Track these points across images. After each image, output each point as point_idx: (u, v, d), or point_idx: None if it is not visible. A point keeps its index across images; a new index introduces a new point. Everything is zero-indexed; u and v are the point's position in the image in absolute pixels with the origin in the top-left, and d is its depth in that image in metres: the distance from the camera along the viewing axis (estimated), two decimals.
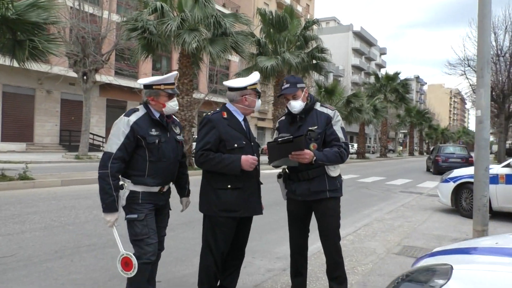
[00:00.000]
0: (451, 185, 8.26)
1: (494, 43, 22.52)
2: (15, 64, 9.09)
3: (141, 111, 2.78)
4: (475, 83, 24.51)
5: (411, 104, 48.91)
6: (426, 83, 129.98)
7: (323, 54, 20.98)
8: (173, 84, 2.81)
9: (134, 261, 2.60)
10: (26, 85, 25.25)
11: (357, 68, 74.88)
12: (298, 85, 3.10)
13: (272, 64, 18.83)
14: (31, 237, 5.25)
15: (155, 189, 2.77)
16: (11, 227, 5.73)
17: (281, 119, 3.36)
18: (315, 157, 2.86)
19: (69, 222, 6.21)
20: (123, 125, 2.67)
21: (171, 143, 2.86)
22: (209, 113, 2.99)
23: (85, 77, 20.88)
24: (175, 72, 2.88)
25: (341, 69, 66.55)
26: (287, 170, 3.18)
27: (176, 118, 3.05)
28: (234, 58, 33.71)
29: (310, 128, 3.03)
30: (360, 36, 75.74)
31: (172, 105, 2.82)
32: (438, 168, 19.74)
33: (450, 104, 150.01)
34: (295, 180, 3.10)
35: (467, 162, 19.48)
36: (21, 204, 7.52)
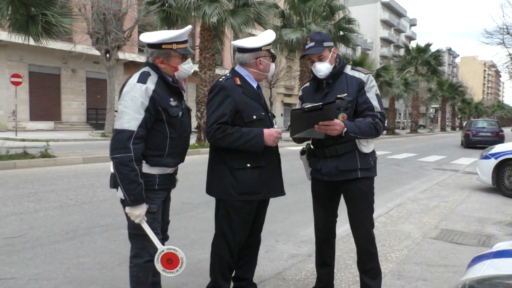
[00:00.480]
0: (492, 162, 7.59)
1: None
2: (32, 42, 8.85)
3: (154, 75, 2.25)
4: None
5: (443, 77, 46.91)
6: (458, 55, 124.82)
7: (350, 25, 19.94)
8: (186, 42, 2.32)
9: (180, 254, 2.20)
10: (51, 64, 25.46)
11: (386, 41, 72.20)
12: (325, 44, 2.61)
13: (298, 36, 18.06)
14: (44, 216, 5.05)
15: (171, 169, 2.35)
16: (26, 206, 5.56)
17: (305, 85, 2.90)
18: (345, 128, 2.42)
19: (85, 200, 6.01)
20: (141, 95, 2.14)
21: (186, 114, 2.44)
22: (220, 79, 2.56)
23: (107, 55, 20.76)
24: (189, 27, 2.37)
25: (369, 42, 64.32)
26: (311, 145, 2.73)
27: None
28: (258, 32, 32.83)
29: (338, 96, 2.55)
30: (388, 6, 72.71)
31: (186, 68, 2.34)
32: (469, 142, 20.66)
33: (484, 77, 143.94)
34: (321, 157, 2.65)
35: (497, 136, 20.02)
36: (39, 182, 7.40)
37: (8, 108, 23.04)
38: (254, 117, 2.48)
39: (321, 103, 2.31)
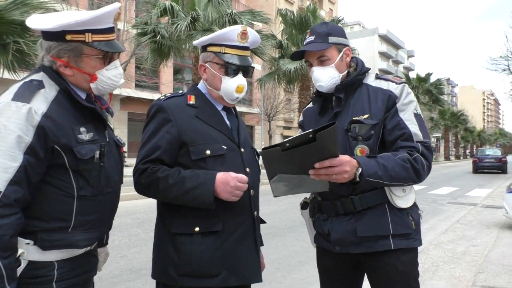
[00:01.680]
0: None
1: None
2: (7, 75, 8.11)
3: (50, 88, 1.38)
4: None
5: (445, 106, 46.48)
6: (457, 85, 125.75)
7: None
8: (111, 30, 1.45)
9: None
10: None
11: (384, 72, 72.45)
12: (331, 39, 1.76)
13: (296, 66, 17.43)
14: None
15: (85, 249, 1.46)
16: None
17: (307, 106, 2.05)
18: (360, 169, 1.54)
19: None
20: (18, 124, 1.24)
21: (113, 153, 1.57)
22: (161, 97, 1.74)
23: None
24: (115, 5, 1.46)
25: None
26: (317, 195, 1.83)
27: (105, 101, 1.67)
28: (257, 66, 32.64)
29: (355, 118, 1.70)
30: (386, 39, 73.59)
31: (112, 76, 1.48)
32: (477, 168, 24.17)
33: (484, 106, 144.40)
34: (330, 214, 1.76)
35: (500, 161, 23.81)
36: None
37: None
38: (208, 152, 1.63)
39: (312, 130, 1.39)
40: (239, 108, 31.29)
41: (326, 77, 1.76)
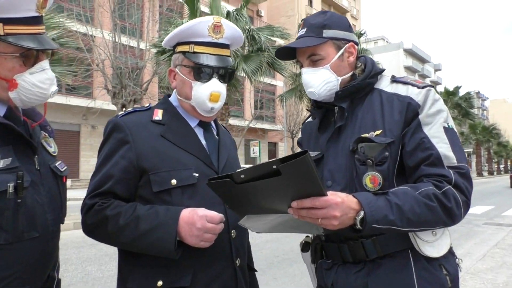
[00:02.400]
0: None
1: None
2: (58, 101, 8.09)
3: None
4: None
5: (475, 119, 44.94)
6: (487, 98, 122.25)
7: None
8: (33, 21, 1.14)
9: None
10: (71, 121, 25.48)
11: None
12: (326, 33, 1.37)
13: None
14: None
15: None
16: None
17: (306, 121, 1.66)
18: (362, 213, 1.13)
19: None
20: None
21: (47, 185, 1.24)
22: (120, 113, 1.42)
23: (124, 109, 20.38)
24: None
25: None
26: (321, 234, 1.40)
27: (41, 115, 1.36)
28: (279, 83, 32.44)
29: (364, 136, 1.30)
30: (411, 53, 72.41)
31: (37, 83, 1.17)
32: None
33: None
34: (335, 260, 1.34)
35: None
36: None
37: None
38: (174, 182, 1.28)
39: (277, 159, 1.00)
40: (262, 125, 30.94)
41: (318, 81, 1.37)
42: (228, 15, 12.46)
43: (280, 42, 14.99)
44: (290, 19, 36.30)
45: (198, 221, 1.18)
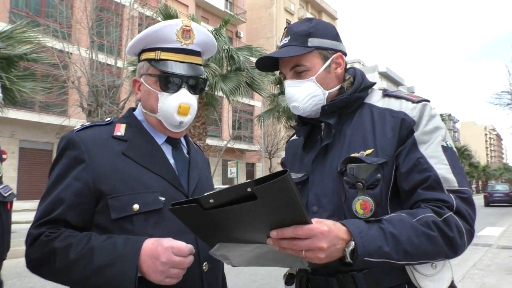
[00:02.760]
0: None
1: None
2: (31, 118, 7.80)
3: None
4: None
5: None
6: (458, 121, 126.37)
7: None
8: None
9: None
10: (44, 139, 24.70)
11: None
12: (312, 41, 1.27)
13: None
14: None
15: None
16: None
17: (291, 139, 1.55)
18: (353, 243, 1.00)
19: None
20: None
21: None
22: (75, 128, 1.27)
23: None
24: None
25: None
26: (307, 266, 1.26)
27: None
28: (257, 103, 32.60)
29: (353, 155, 1.19)
30: (386, 76, 74.53)
31: None
32: (488, 202, 28.08)
33: (486, 141, 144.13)
34: None
35: (508, 196, 27.50)
36: None
37: None
38: (136, 207, 1.12)
39: (250, 181, 0.87)
40: (240, 146, 30.85)
41: (302, 94, 1.26)
42: None
43: None
44: (269, 41, 36.85)
45: (163, 253, 1.03)
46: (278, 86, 19.01)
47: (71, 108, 18.97)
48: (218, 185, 25.42)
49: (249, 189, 0.86)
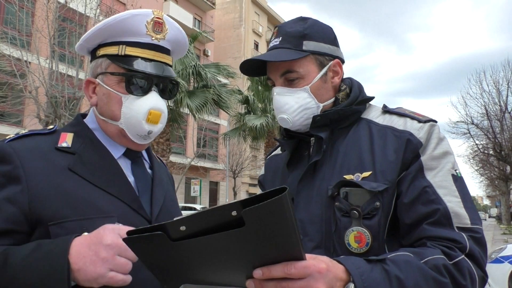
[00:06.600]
0: (508, 268, 6.09)
1: (497, 100, 22.14)
2: None
3: None
4: (482, 143, 23.36)
5: None
6: None
7: None
8: None
9: None
10: None
11: None
12: (307, 44, 1.08)
13: (262, 122, 17.23)
14: None
15: None
16: None
17: (272, 154, 1.34)
18: (352, 285, 0.79)
19: None
20: None
21: None
22: (8, 136, 1.00)
23: None
24: None
25: None
26: None
27: None
28: (223, 122, 32.45)
29: (347, 177, 1.01)
30: None
31: None
32: None
33: None
34: None
35: None
36: None
37: None
38: (82, 229, 0.90)
39: (235, 202, 0.65)
40: (204, 164, 30.36)
41: (293, 106, 1.08)
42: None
43: (225, 81, 14.99)
44: (236, 61, 37.04)
45: (108, 235, 0.80)
46: (245, 105, 19.00)
47: (27, 118, 18.05)
48: (180, 203, 24.76)
49: (234, 213, 0.65)
